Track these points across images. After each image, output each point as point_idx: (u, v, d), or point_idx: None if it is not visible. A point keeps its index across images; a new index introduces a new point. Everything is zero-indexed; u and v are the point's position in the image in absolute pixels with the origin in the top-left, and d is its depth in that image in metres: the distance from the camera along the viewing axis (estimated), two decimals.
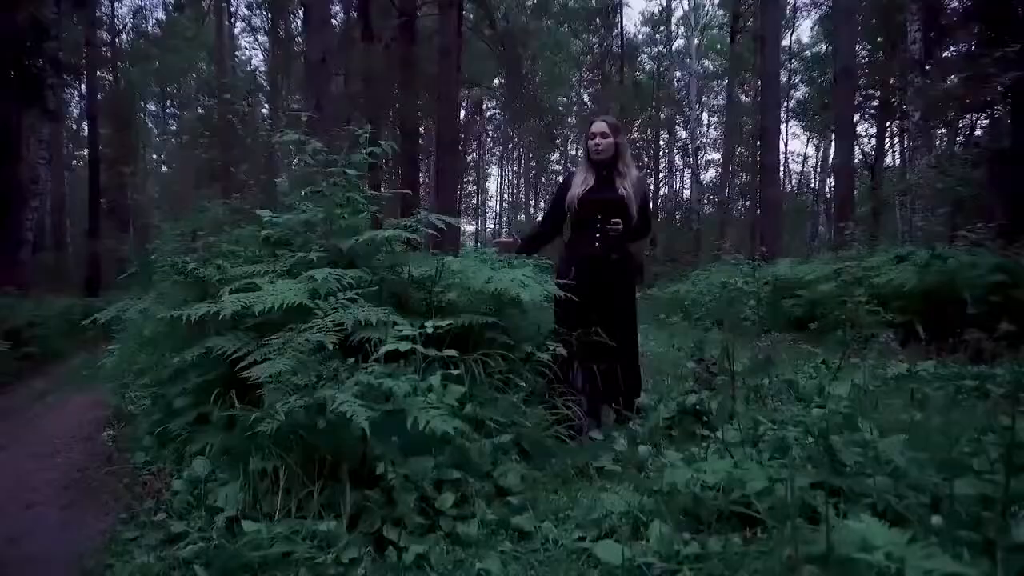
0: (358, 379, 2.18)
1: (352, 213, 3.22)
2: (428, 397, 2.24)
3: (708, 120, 35.70)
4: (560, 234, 4.08)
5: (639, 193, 3.77)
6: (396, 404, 2.15)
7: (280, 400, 2.18)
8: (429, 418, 2.07)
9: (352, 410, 2.01)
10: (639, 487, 2.31)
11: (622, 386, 3.61)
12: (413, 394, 2.21)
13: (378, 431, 2.09)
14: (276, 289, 2.82)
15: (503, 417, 2.85)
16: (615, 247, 3.70)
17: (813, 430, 2.14)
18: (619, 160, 3.79)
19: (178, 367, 3.19)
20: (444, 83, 12.44)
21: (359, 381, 2.16)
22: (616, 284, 3.72)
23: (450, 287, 3.21)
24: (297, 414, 2.19)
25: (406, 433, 2.14)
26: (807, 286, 7.74)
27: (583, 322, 3.58)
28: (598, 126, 3.77)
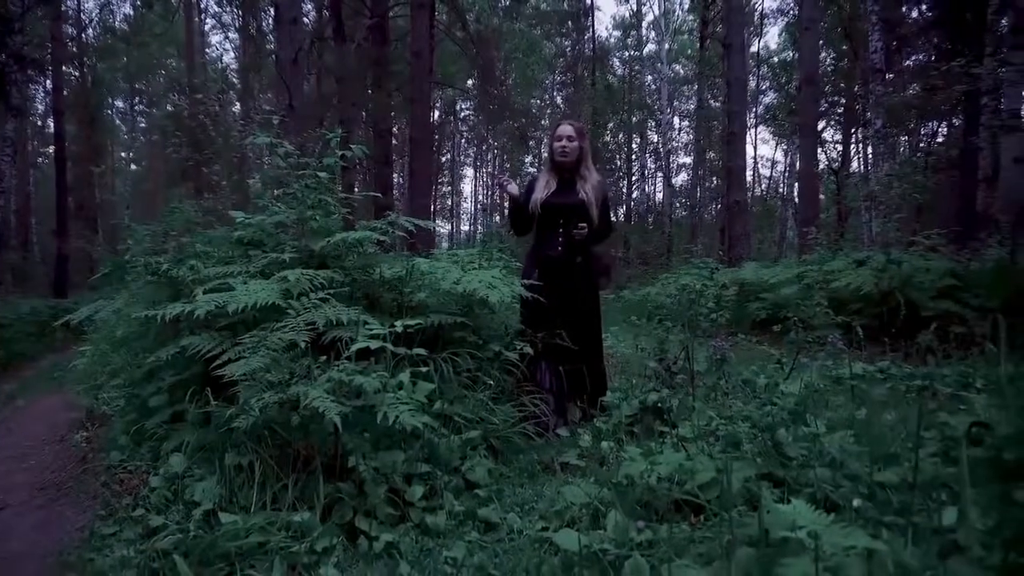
0: (330, 376, 2.27)
1: (324, 215, 3.30)
2: (398, 394, 2.33)
3: (679, 124, 36.11)
4: (528, 230, 4.20)
5: (599, 196, 3.90)
6: (367, 400, 2.25)
7: (255, 397, 2.26)
8: (398, 413, 2.17)
9: (324, 406, 2.10)
10: (599, 480, 2.43)
11: (588, 385, 3.74)
12: (383, 390, 2.30)
13: (349, 426, 2.19)
14: (249, 289, 2.89)
15: (471, 414, 2.96)
16: (578, 250, 3.82)
17: (761, 425, 2.28)
18: (582, 164, 3.91)
19: (153, 367, 3.25)
20: (417, 84, 12.49)
21: (331, 378, 2.25)
22: (580, 286, 3.84)
23: (420, 288, 3.30)
24: (271, 410, 2.27)
25: (376, 428, 2.24)
26: (771, 289, 7.97)
27: (548, 323, 3.69)
28: (564, 129, 3.89)
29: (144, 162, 35.12)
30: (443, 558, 2.04)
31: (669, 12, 28.88)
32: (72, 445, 4.47)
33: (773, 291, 7.88)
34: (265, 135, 3.47)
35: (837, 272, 7.13)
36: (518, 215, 3.97)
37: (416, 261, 3.39)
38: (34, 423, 5.51)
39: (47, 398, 6.58)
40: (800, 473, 2.09)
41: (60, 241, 18.25)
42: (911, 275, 6.04)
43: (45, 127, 29.08)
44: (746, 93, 14.71)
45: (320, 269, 3.17)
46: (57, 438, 4.75)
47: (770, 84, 30.55)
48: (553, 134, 3.94)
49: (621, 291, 14.54)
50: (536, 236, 3.94)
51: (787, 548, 1.49)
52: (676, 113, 34.86)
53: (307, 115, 9.58)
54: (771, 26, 30.17)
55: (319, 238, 3.18)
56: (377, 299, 3.32)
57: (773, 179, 37.21)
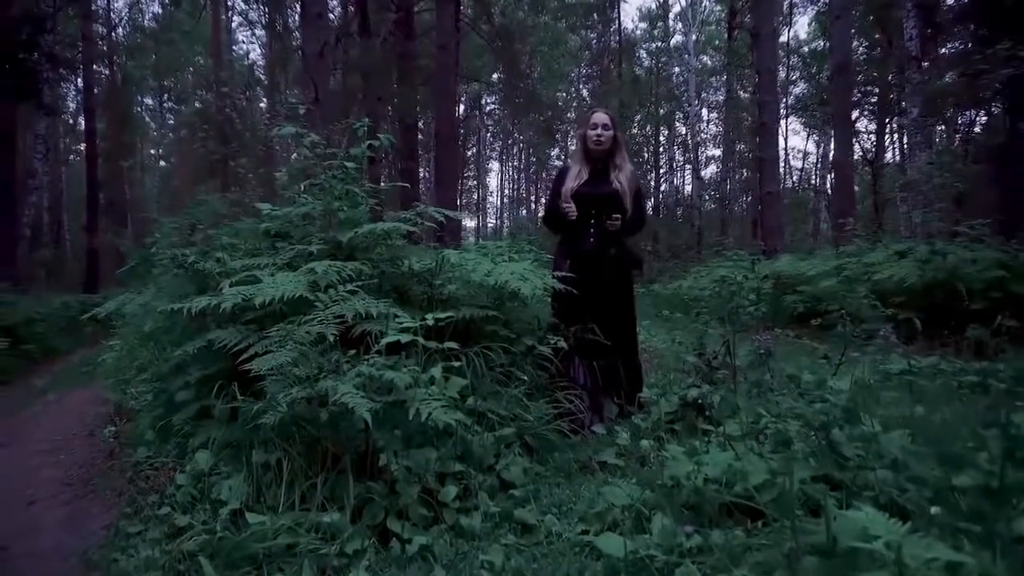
0: (359, 371, 2.18)
1: (351, 206, 3.21)
2: (430, 389, 2.23)
3: (708, 116, 35.65)
4: None
5: (633, 187, 3.77)
6: (398, 396, 2.15)
7: (282, 392, 2.17)
8: (431, 410, 2.07)
9: (354, 402, 2.01)
10: (641, 480, 2.30)
11: (623, 381, 3.62)
12: (414, 386, 2.20)
13: (380, 423, 2.09)
14: (276, 282, 2.81)
15: (505, 411, 2.85)
16: (612, 242, 3.70)
17: (814, 423, 2.14)
18: (616, 153, 3.78)
19: (179, 361, 3.19)
20: (442, 77, 12.40)
21: (360, 372, 2.16)
22: (613, 279, 3.71)
23: (450, 280, 3.20)
24: (299, 406, 2.18)
25: (408, 425, 2.14)
26: (809, 282, 7.74)
27: (581, 317, 3.57)
28: (599, 117, 3.76)
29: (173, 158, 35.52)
30: (479, 562, 1.94)
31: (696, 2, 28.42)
32: (101, 440, 4.47)
33: (811, 284, 7.65)
34: (291, 126, 3.39)
35: (878, 264, 6.90)
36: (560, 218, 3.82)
37: (446, 253, 3.29)
38: (64, 417, 5.52)
39: (77, 392, 6.61)
40: (858, 475, 1.95)
41: (91, 237, 18.47)
42: (957, 266, 5.80)
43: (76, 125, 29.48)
44: (776, 83, 14.39)
45: (348, 261, 3.08)
46: (86, 432, 4.75)
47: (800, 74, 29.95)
48: (587, 122, 3.80)
49: (651, 284, 14.35)
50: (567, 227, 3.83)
51: (859, 559, 1.36)
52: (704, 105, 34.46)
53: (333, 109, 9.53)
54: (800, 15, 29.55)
55: (347, 229, 3.09)
56: (406, 292, 3.23)
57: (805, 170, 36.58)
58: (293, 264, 3.18)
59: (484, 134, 40.01)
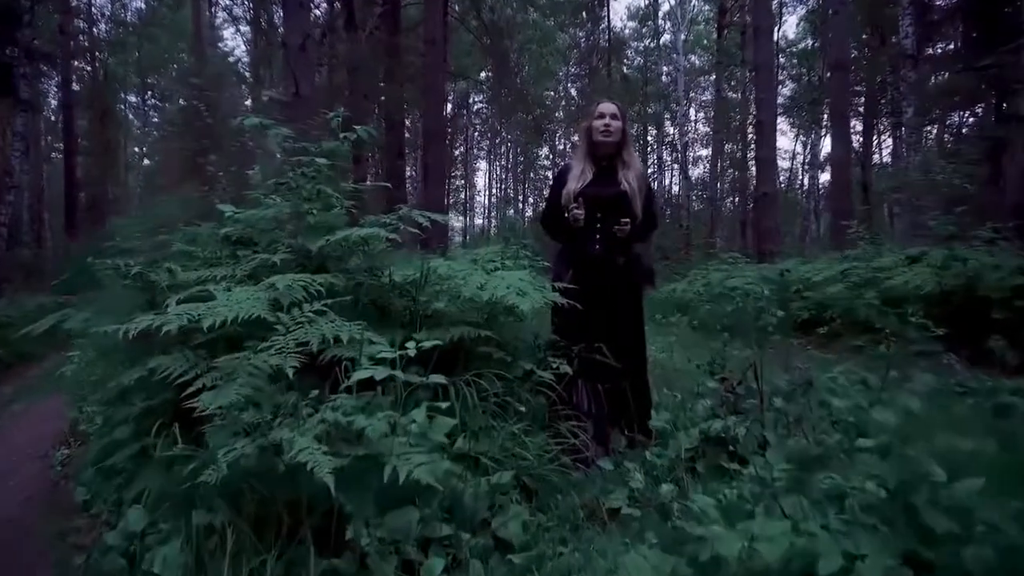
0: (323, 417, 1.75)
1: (323, 209, 2.78)
2: (411, 437, 1.81)
3: (696, 116, 35.41)
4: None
5: (643, 187, 3.36)
6: (370, 448, 1.73)
7: (223, 447, 1.75)
8: (411, 467, 1.66)
9: (314, 459, 1.59)
10: (667, 544, 1.90)
11: (632, 406, 3.22)
12: (392, 433, 1.79)
13: (348, 484, 1.67)
14: (232, 299, 2.38)
15: (500, 451, 2.43)
16: (620, 249, 3.29)
17: (882, 480, 1.74)
18: (624, 149, 3.38)
19: (123, 388, 2.75)
20: (430, 74, 11.97)
21: (324, 419, 1.74)
22: (621, 291, 3.31)
23: (437, 294, 2.78)
24: (248, 459, 1.76)
25: (383, 484, 1.72)
26: (813, 287, 7.38)
27: (585, 335, 3.17)
28: (607, 107, 3.35)
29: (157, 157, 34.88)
30: None
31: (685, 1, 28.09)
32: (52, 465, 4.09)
33: (816, 289, 7.29)
34: (256, 117, 2.96)
35: (888, 269, 6.55)
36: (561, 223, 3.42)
37: (432, 263, 2.87)
38: (25, 431, 5.16)
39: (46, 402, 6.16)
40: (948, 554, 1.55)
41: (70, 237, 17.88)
42: (979, 273, 5.44)
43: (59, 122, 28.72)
44: (773, 79, 14.08)
45: (319, 273, 2.66)
46: (41, 453, 4.36)
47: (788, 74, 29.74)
48: (592, 112, 3.39)
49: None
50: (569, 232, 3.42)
51: None
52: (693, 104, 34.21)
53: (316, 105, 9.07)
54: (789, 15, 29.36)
55: (317, 236, 2.66)
56: (387, 307, 2.81)
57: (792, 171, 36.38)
58: (256, 276, 2.75)
59: (472, 133, 39.59)
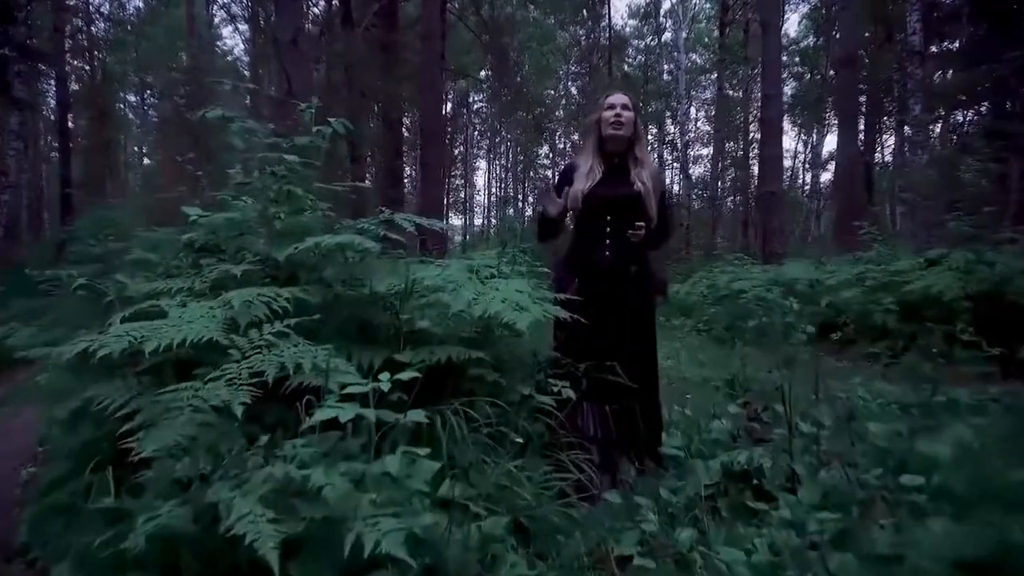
0: (271, 472, 1.42)
1: (293, 212, 2.45)
2: (382, 492, 1.48)
3: (696, 115, 35.07)
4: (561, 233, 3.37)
5: (658, 187, 3.04)
6: (330, 510, 1.40)
7: (156, 501, 1.42)
8: (378, 535, 1.33)
9: (256, 529, 1.26)
10: None
11: (641, 429, 2.90)
12: (357, 488, 1.46)
13: (302, 556, 1.35)
14: (185, 316, 2.06)
15: (494, 490, 2.11)
16: (632, 256, 2.97)
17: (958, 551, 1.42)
18: (636, 145, 3.06)
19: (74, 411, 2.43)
20: (427, 70, 11.63)
21: (271, 476, 1.41)
22: (633, 303, 2.98)
23: (423, 309, 2.44)
24: (179, 521, 1.43)
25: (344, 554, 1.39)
26: (827, 291, 7.05)
27: (591, 351, 2.85)
28: (617, 97, 3.02)
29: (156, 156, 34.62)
30: None
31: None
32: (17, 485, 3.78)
33: (830, 293, 6.96)
34: (218, 109, 2.63)
35: (906, 273, 6.22)
36: (551, 226, 3.11)
37: (419, 272, 2.54)
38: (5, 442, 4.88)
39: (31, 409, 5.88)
40: None
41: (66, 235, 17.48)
42: (1008, 276, 5.10)
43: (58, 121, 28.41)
44: (781, 75, 13.71)
45: (289, 285, 2.34)
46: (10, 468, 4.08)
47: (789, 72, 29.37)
48: (601, 104, 3.06)
49: None
50: (575, 238, 3.09)
51: None
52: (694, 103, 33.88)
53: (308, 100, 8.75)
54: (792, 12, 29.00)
55: (285, 243, 2.33)
56: (367, 323, 2.48)
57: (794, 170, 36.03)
58: (220, 289, 2.43)
59: (472, 132, 39.26)
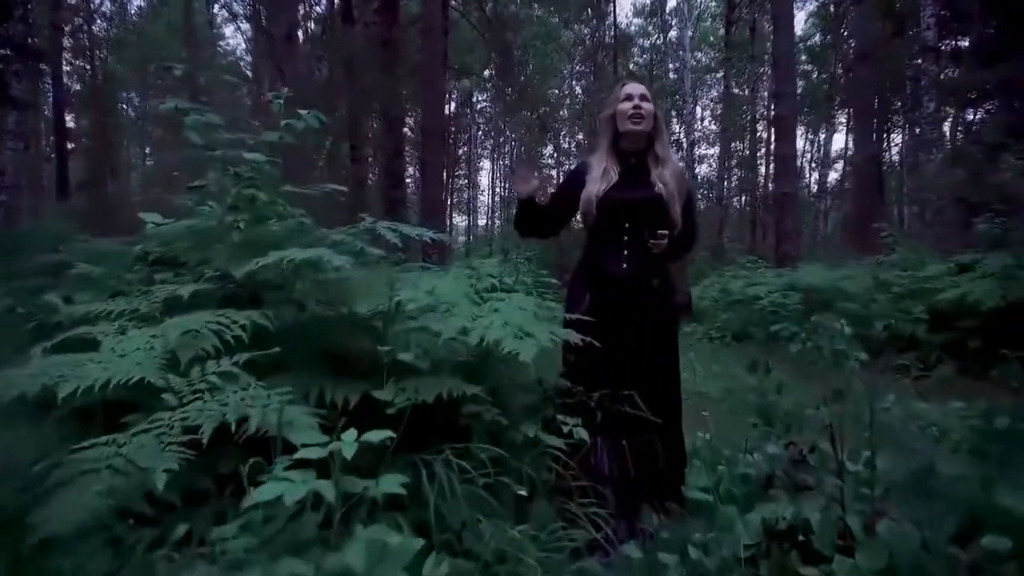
0: None
1: (254, 221, 2.08)
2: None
3: (702, 114, 34.70)
4: (552, 233, 2.99)
5: (683, 189, 2.67)
6: None
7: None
8: None
9: None
10: None
11: (661, 465, 2.53)
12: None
13: None
14: (118, 349, 1.70)
15: (491, 559, 1.73)
16: (653, 268, 2.60)
17: None
18: (656, 141, 2.68)
19: None
20: (427, 66, 11.26)
21: None
22: (653, 321, 2.61)
23: (409, 336, 2.06)
24: None
25: None
26: (849, 298, 6.64)
27: (606, 378, 2.48)
28: (635, 87, 2.65)
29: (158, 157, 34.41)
30: None
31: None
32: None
33: (851, 300, 6.56)
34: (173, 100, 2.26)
35: (935, 279, 5.82)
36: (525, 212, 2.76)
37: (406, 290, 2.17)
38: None
39: None
40: None
41: None
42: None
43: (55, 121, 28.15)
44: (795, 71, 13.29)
45: (252, 307, 1.97)
46: None
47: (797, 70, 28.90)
48: (617, 96, 2.68)
49: None
50: (589, 247, 2.72)
51: None
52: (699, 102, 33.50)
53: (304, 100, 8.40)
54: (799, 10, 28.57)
55: (246, 258, 1.96)
56: (346, 350, 2.10)
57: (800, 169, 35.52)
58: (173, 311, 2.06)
59: (476, 132, 38.92)
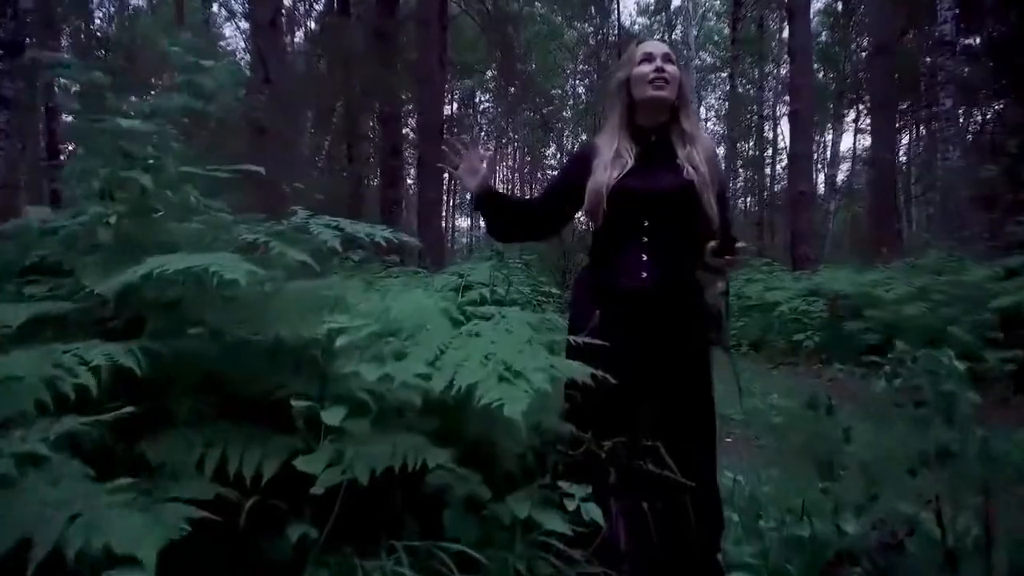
0: None
1: (132, 215, 1.50)
2: None
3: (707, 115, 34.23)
4: (551, 233, 2.40)
5: (715, 175, 2.07)
6: None
7: None
8: None
9: None
10: None
11: (693, 528, 1.95)
12: None
13: None
14: None
15: None
16: (681, 277, 2.02)
17: None
18: (682, 114, 2.09)
19: None
20: (424, 60, 10.71)
21: None
22: (682, 345, 2.03)
23: (341, 384, 1.46)
24: None
25: None
26: (877, 304, 6.04)
27: (622, 421, 1.90)
28: (656, 46, 2.06)
29: None
30: None
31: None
32: None
33: (881, 307, 5.95)
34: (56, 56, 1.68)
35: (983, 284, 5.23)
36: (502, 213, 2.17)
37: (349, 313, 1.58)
38: None
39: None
40: None
41: None
42: None
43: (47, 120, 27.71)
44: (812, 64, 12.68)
45: (130, 336, 1.40)
46: None
47: None
48: (633, 58, 2.07)
49: None
50: (598, 251, 2.14)
51: None
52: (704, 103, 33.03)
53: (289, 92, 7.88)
54: None
55: (119, 265, 1.38)
56: (257, 401, 1.51)
57: None
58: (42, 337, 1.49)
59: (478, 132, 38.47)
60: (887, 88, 11.52)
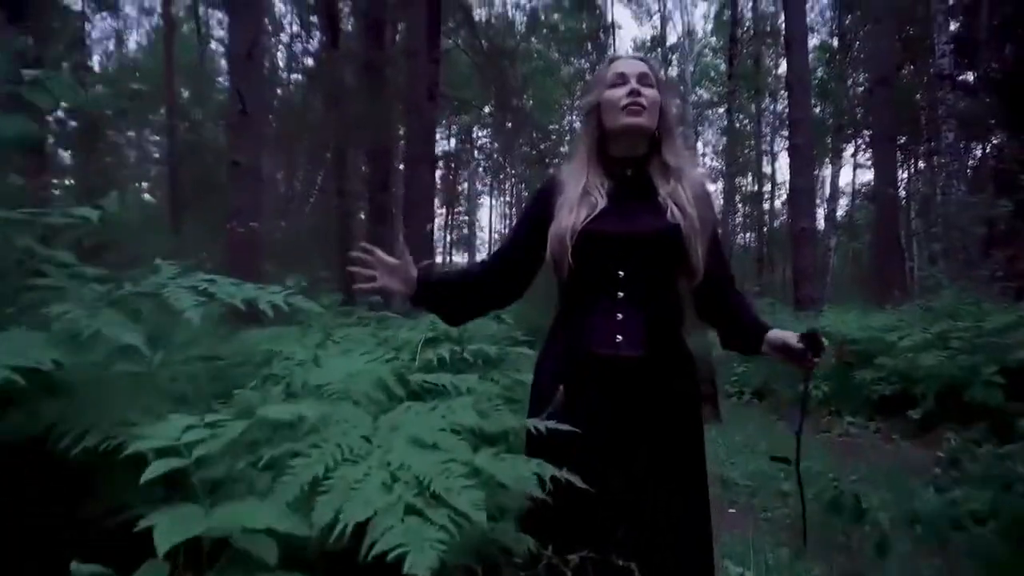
0: None
1: None
2: None
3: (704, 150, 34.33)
4: (514, 295, 1.92)
5: (708, 217, 1.67)
6: None
7: None
8: None
9: None
10: None
11: None
12: None
13: None
14: None
15: None
16: (664, 340, 1.60)
17: None
18: (664, 144, 1.68)
19: None
20: (412, 90, 10.40)
21: None
22: (668, 431, 1.60)
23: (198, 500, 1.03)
24: None
25: None
26: (890, 351, 5.60)
27: (593, 528, 1.46)
28: (630, 65, 1.67)
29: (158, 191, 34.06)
30: None
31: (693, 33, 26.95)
32: None
33: (895, 355, 5.51)
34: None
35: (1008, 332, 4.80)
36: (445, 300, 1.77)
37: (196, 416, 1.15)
38: None
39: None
40: None
41: None
42: None
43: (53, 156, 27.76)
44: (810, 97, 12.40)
45: None
46: None
47: None
48: (603, 78, 1.67)
49: None
50: (564, 310, 1.71)
51: None
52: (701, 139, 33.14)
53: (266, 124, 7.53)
54: None
55: None
56: None
57: None
58: None
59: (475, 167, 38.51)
60: (889, 120, 11.22)
